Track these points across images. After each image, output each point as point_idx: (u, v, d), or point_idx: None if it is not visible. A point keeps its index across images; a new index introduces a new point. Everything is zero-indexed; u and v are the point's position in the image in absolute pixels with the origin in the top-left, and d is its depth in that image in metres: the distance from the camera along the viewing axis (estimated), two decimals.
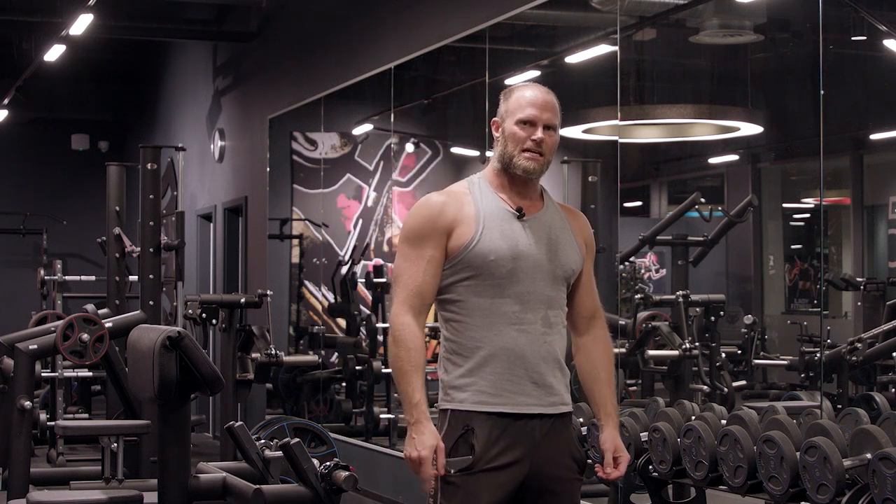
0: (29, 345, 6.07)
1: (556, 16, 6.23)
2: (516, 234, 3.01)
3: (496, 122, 3.10)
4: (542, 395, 2.98)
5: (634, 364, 5.82)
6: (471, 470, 2.91)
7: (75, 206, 15.10)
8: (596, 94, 6.07)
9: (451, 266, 3.00)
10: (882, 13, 4.65)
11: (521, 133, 3.02)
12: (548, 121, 3.03)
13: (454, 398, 2.98)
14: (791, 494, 3.47)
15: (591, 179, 6.11)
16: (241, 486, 4.21)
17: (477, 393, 2.95)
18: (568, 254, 3.06)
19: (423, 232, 3.00)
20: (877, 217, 5.21)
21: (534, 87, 3.08)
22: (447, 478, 2.90)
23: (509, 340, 2.96)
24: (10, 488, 5.72)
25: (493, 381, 2.95)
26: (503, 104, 3.09)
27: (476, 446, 2.91)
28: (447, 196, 3.06)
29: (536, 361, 2.97)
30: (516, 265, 2.98)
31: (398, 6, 7.62)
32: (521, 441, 2.94)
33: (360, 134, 9.04)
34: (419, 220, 3.02)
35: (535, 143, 3.01)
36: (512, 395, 2.95)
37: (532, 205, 3.07)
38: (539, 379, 2.97)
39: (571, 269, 3.07)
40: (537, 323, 2.98)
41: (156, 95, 14.07)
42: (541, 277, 3.00)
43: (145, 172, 7.42)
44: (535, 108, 3.02)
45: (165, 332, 4.08)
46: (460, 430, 2.94)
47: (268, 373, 8.29)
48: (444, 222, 3.00)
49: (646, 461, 4.10)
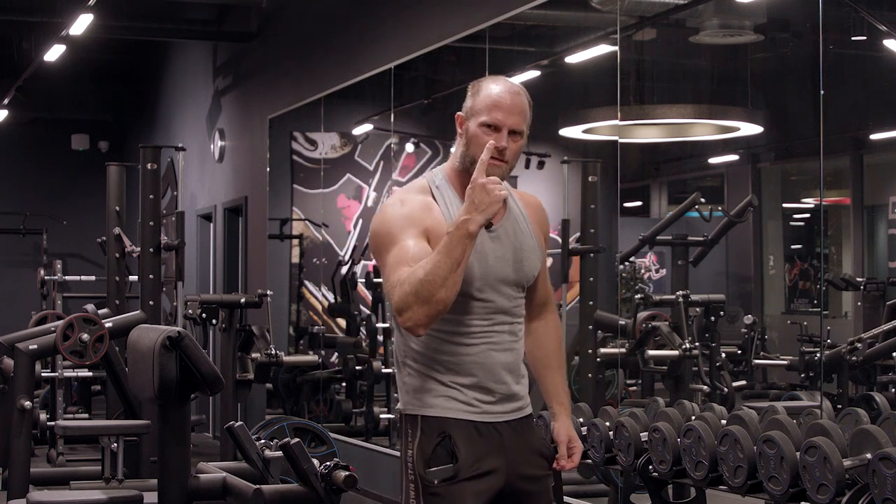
0: (29, 345, 6.07)
1: (556, 16, 6.23)
2: (485, 248, 2.87)
3: (460, 118, 2.91)
4: (506, 401, 2.91)
5: (634, 364, 5.82)
6: (454, 479, 2.82)
7: (75, 206, 15.10)
8: (596, 94, 6.07)
9: None
10: (882, 13, 4.65)
11: (483, 138, 2.82)
12: (514, 125, 2.84)
13: (425, 402, 2.87)
14: (791, 494, 3.47)
15: (591, 179, 6.11)
16: (241, 486, 4.21)
17: (449, 400, 2.86)
18: (531, 261, 2.96)
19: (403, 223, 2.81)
20: (877, 217, 5.21)
21: (503, 85, 2.87)
22: (430, 488, 2.82)
23: (478, 354, 2.87)
24: (10, 488, 5.72)
25: (464, 391, 2.86)
26: (469, 99, 2.90)
27: (459, 455, 2.83)
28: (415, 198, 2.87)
29: (504, 373, 2.90)
30: (485, 282, 2.86)
31: (398, 6, 7.62)
32: (493, 449, 2.88)
33: (360, 134, 9.04)
34: (397, 215, 2.83)
35: (499, 151, 2.81)
36: (483, 404, 2.88)
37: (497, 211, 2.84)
38: (506, 390, 2.91)
39: (533, 276, 2.98)
40: (504, 334, 2.91)
41: (156, 95, 14.07)
42: (506, 292, 2.91)
43: (145, 172, 7.42)
44: (502, 110, 2.83)
45: (165, 332, 4.08)
46: (436, 436, 2.84)
47: (268, 373, 8.29)
48: (421, 219, 2.83)
49: (646, 461, 4.10)
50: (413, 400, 2.90)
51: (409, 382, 2.90)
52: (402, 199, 2.88)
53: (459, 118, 2.92)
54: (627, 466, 4.19)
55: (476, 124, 2.85)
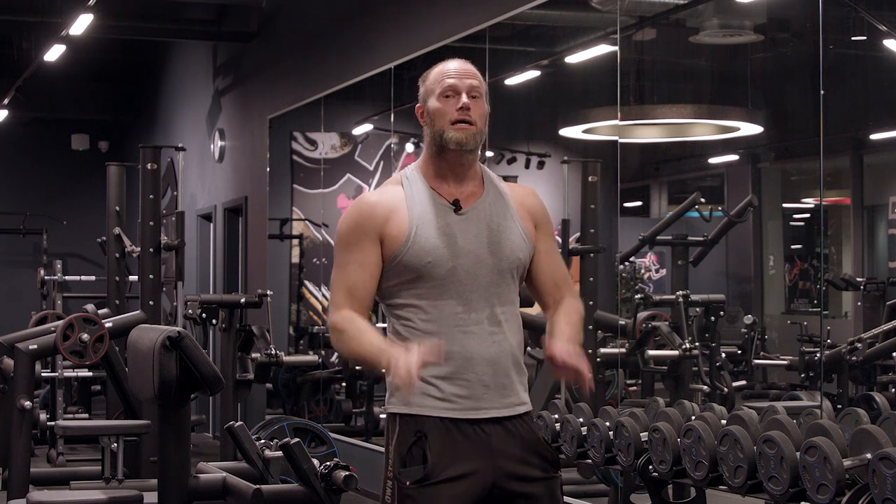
0: (29, 345, 6.07)
1: (556, 16, 6.23)
2: (453, 229, 2.81)
3: (419, 108, 2.90)
4: (496, 397, 2.80)
5: (634, 364, 5.82)
6: (426, 481, 2.73)
7: (75, 206, 15.10)
8: (596, 94, 6.07)
9: (390, 269, 2.82)
10: (882, 13, 4.65)
11: (444, 107, 2.82)
12: (470, 87, 2.83)
13: (403, 400, 2.79)
14: (791, 494, 3.47)
15: (591, 179, 6.11)
16: (241, 486, 4.21)
17: (426, 397, 2.77)
18: (512, 242, 2.85)
19: (352, 237, 2.83)
20: (877, 217, 5.21)
21: (451, 61, 2.90)
22: (404, 490, 2.74)
23: (455, 343, 2.77)
24: (10, 488, 5.72)
25: (442, 385, 2.77)
26: (422, 87, 2.90)
27: (429, 456, 2.73)
28: (379, 196, 2.87)
29: (486, 363, 2.79)
30: (456, 263, 2.79)
31: (398, 6, 7.62)
32: (477, 447, 2.77)
33: (360, 134, 9.05)
34: (348, 225, 2.85)
35: (463, 110, 2.80)
36: (462, 399, 2.78)
37: (471, 193, 2.87)
38: (490, 381, 2.79)
39: (518, 258, 2.86)
40: (483, 323, 2.80)
41: (156, 95, 14.07)
42: (484, 273, 2.81)
43: (145, 172, 7.42)
44: (454, 77, 2.83)
45: (165, 332, 4.08)
46: (413, 436, 2.76)
47: (268, 373, 8.29)
48: (374, 224, 2.81)
49: (646, 461, 4.10)
50: (392, 398, 2.84)
51: (390, 381, 2.80)
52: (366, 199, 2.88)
53: (419, 109, 2.92)
54: (627, 466, 4.20)
55: (435, 99, 2.85)
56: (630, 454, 4.15)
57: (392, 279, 2.84)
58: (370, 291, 2.84)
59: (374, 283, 2.84)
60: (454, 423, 2.78)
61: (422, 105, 2.90)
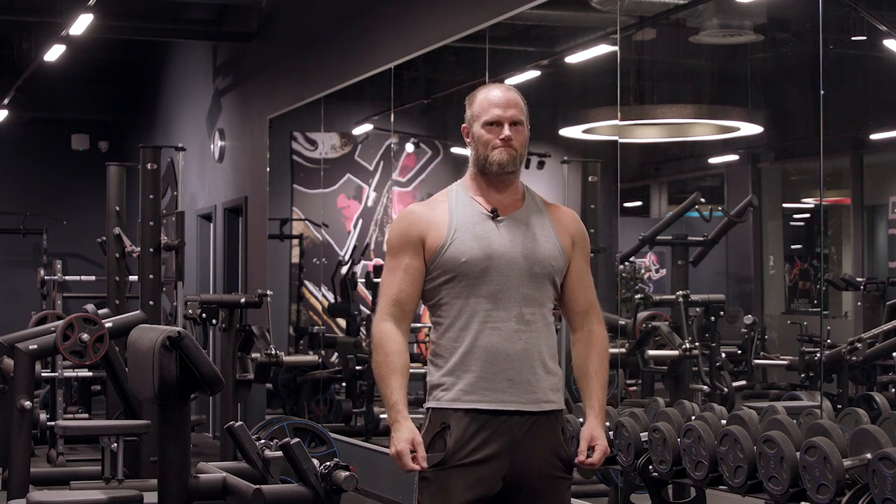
0: (29, 345, 6.07)
1: (556, 16, 6.23)
2: (489, 233, 3.05)
3: (465, 128, 3.15)
4: (520, 392, 3.00)
5: (634, 364, 5.82)
6: (444, 465, 2.96)
7: (75, 206, 15.10)
8: (596, 94, 6.07)
9: (431, 271, 3.06)
10: (882, 13, 4.65)
11: (488, 135, 3.07)
12: (513, 117, 3.08)
13: (435, 396, 3.04)
14: (791, 494, 3.47)
15: (591, 179, 6.11)
16: (241, 486, 4.21)
17: (454, 391, 3.00)
18: (546, 250, 3.07)
19: (399, 243, 3.08)
20: (877, 217, 5.21)
21: (496, 88, 3.13)
22: (422, 473, 2.97)
23: (482, 338, 3.00)
24: (10, 488, 5.72)
25: (469, 379, 2.99)
26: (469, 109, 3.14)
27: (448, 442, 2.96)
28: (424, 206, 3.13)
29: (511, 359, 3.00)
30: (489, 264, 3.02)
31: (398, 6, 7.62)
32: (498, 437, 2.97)
33: (360, 134, 9.04)
34: (396, 232, 3.11)
35: (504, 140, 3.06)
36: (487, 391, 2.98)
37: (510, 204, 3.11)
38: (515, 376, 3.00)
39: (551, 266, 3.07)
40: (511, 321, 3.01)
41: (156, 95, 14.07)
42: (516, 275, 3.03)
43: (145, 172, 7.42)
44: (499, 107, 3.07)
45: (165, 332, 4.08)
46: (438, 427, 3.00)
47: (268, 373, 8.29)
48: (417, 231, 3.06)
49: (646, 461, 4.10)
50: (428, 395, 3.07)
51: (427, 380, 3.08)
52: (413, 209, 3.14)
53: (465, 129, 3.15)
54: (627, 466, 4.20)
55: (479, 126, 3.09)
56: (630, 454, 4.15)
57: (432, 281, 3.07)
58: (414, 297, 3.08)
59: (417, 289, 3.08)
60: (478, 413, 2.98)
61: (468, 126, 3.14)
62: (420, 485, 3.01)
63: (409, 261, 3.06)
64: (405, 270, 3.06)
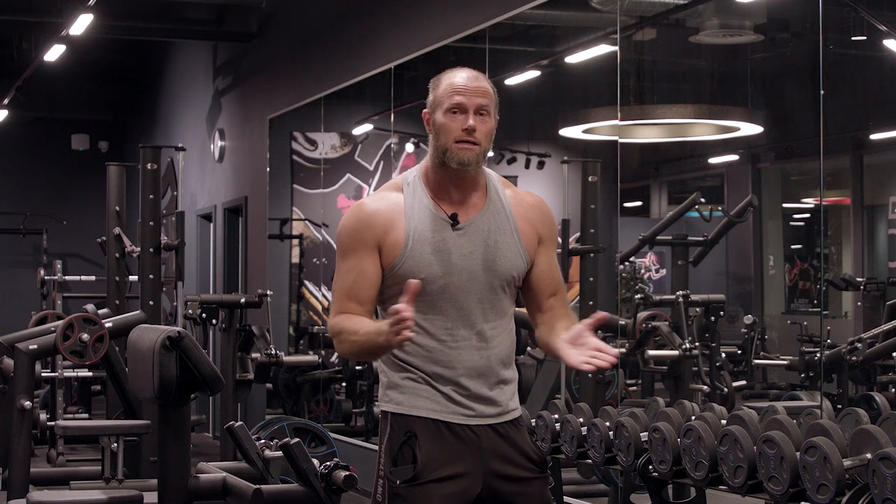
0: (29, 345, 6.07)
1: (556, 16, 6.23)
2: (448, 245, 2.83)
3: (426, 114, 2.89)
4: (484, 408, 2.84)
5: (634, 364, 5.82)
6: (416, 481, 2.77)
7: (75, 206, 15.10)
8: (596, 94, 6.07)
9: (386, 279, 2.86)
10: (882, 13, 4.65)
11: (450, 123, 2.81)
12: (479, 106, 2.81)
13: (392, 399, 2.85)
14: (791, 494, 3.46)
15: (591, 179, 6.11)
16: (241, 486, 4.21)
17: (417, 398, 2.83)
18: (507, 260, 2.88)
19: (351, 244, 2.86)
20: (877, 217, 5.21)
21: (462, 71, 2.87)
22: (394, 489, 2.78)
23: (442, 357, 2.82)
24: (10, 488, 5.71)
25: (431, 389, 2.83)
26: (431, 93, 2.88)
27: (419, 456, 2.78)
28: (378, 203, 2.88)
29: (472, 377, 2.84)
30: (448, 280, 2.82)
31: (398, 6, 7.62)
32: (467, 450, 2.82)
33: (360, 134, 9.04)
34: (347, 231, 2.87)
35: (467, 131, 2.79)
36: (451, 405, 2.82)
37: (471, 205, 2.88)
38: (478, 394, 2.84)
39: (511, 274, 2.88)
40: (472, 339, 2.84)
41: (156, 95, 14.07)
42: (475, 291, 2.84)
43: (145, 172, 7.42)
44: (464, 94, 2.81)
45: (165, 332, 4.08)
46: (403, 435, 2.81)
47: (268, 373, 8.29)
48: (372, 234, 2.84)
49: (646, 461, 4.10)
50: (384, 396, 2.88)
51: (383, 380, 2.89)
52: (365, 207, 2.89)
53: (426, 115, 2.90)
54: (627, 466, 4.19)
55: (441, 113, 2.84)
56: (630, 454, 4.15)
57: (388, 289, 2.87)
58: (371, 296, 2.86)
59: (373, 290, 2.86)
60: (445, 425, 2.83)
61: (429, 113, 2.89)
62: (391, 499, 2.79)
63: (362, 264, 2.83)
64: (358, 273, 2.83)
